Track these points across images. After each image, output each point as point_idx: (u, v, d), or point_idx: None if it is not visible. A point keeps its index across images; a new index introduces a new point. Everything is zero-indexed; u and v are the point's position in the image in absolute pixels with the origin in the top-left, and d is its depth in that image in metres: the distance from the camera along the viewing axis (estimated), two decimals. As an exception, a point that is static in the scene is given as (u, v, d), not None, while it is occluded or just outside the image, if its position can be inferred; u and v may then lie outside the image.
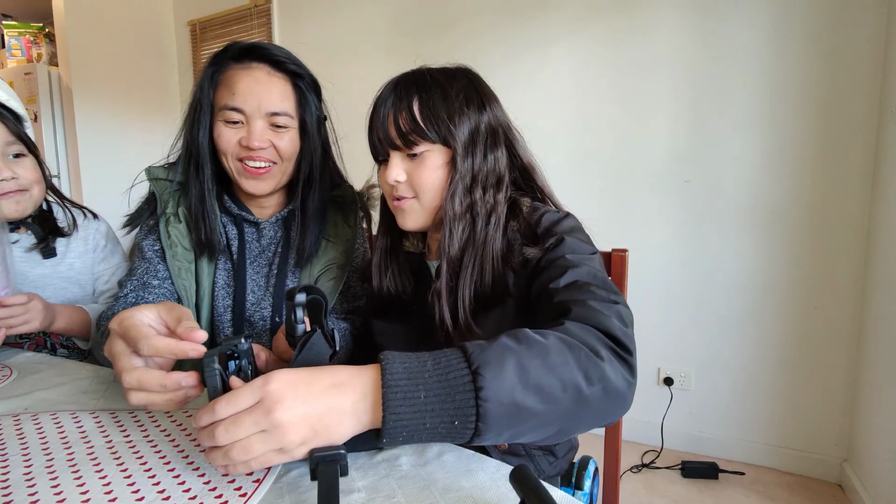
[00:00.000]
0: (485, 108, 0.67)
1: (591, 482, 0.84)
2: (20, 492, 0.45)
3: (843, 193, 1.60)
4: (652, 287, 1.87)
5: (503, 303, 0.65)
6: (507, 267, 0.66)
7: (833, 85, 1.58)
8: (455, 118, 0.64)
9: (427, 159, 0.65)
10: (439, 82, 0.66)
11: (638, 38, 1.82)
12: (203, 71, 0.80)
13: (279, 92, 0.79)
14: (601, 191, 1.93)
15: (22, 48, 2.75)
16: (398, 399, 0.40)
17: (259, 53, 0.79)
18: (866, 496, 1.46)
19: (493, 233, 0.66)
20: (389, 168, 0.66)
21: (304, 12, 2.58)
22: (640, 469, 1.78)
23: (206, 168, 0.81)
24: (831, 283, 1.64)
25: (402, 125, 0.64)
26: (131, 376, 0.48)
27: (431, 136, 0.64)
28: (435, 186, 0.66)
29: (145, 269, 0.84)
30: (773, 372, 1.74)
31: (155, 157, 0.95)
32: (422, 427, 0.40)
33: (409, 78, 0.67)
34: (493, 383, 0.40)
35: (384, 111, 0.66)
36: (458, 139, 0.64)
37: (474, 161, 0.65)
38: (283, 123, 0.80)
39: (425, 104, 0.64)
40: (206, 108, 0.79)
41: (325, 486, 0.38)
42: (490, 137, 0.67)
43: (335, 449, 0.41)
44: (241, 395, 0.41)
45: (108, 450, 0.53)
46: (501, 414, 0.41)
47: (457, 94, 0.65)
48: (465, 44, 2.13)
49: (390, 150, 0.67)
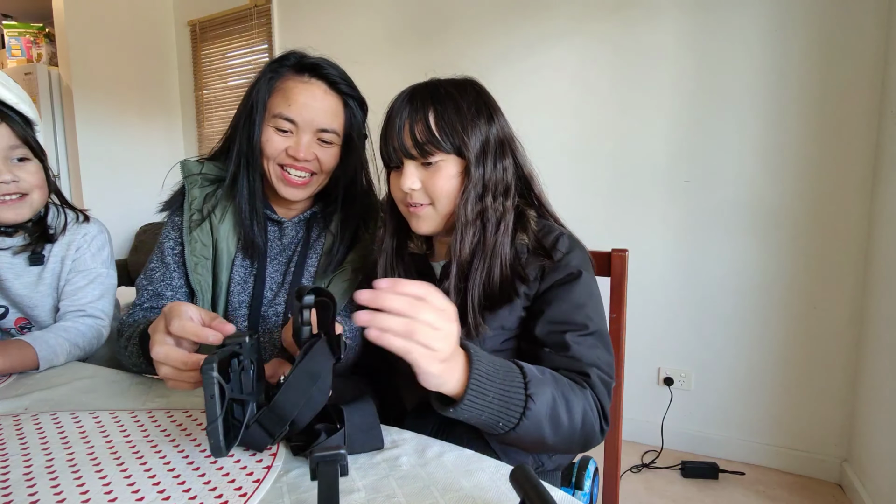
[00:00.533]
0: (493, 120, 0.71)
1: (591, 482, 0.84)
2: (20, 492, 0.45)
3: (843, 193, 1.60)
4: (652, 287, 1.87)
5: (510, 302, 0.69)
6: (515, 273, 0.70)
7: (833, 85, 1.58)
8: (468, 130, 0.68)
9: (442, 168, 0.69)
10: (452, 95, 0.69)
11: (638, 38, 1.82)
12: (261, 74, 0.83)
13: (332, 110, 0.84)
14: (601, 191, 1.93)
15: (22, 48, 2.75)
16: (475, 393, 0.52)
17: (319, 71, 0.84)
18: (866, 496, 1.46)
19: (501, 238, 0.70)
20: (404, 176, 0.70)
21: (304, 12, 2.58)
22: (640, 469, 1.78)
23: (256, 167, 0.84)
24: (831, 283, 1.64)
25: (418, 136, 0.68)
26: (160, 349, 0.55)
27: (446, 146, 0.68)
28: (450, 194, 0.70)
29: (162, 274, 0.86)
30: (773, 372, 1.74)
31: (155, 156, 0.96)
32: (478, 416, 0.53)
33: (423, 90, 0.71)
34: (533, 412, 0.54)
35: (399, 121, 0.69)
36: (472, 149, 0.68)
37: (485, 170, 0.69)
38: (330, 140, 0.84)
39: (440, 116, 0.68)
40: (260, 110, 0.82)
41: (325, 486, 0.39)
42: (499, 148, 0.71)
43: (335, 449, 0.41)
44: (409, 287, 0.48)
45: (108, 450, 0.53)
46: (528, 431, 0.55)
47: (468, 107, 0.69)
48: (465, 44, 2.13)
49: (405, 158, 0.70)
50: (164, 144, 3.02)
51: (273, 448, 0.54)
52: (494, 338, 0.71)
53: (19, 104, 0.87)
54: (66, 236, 0.96)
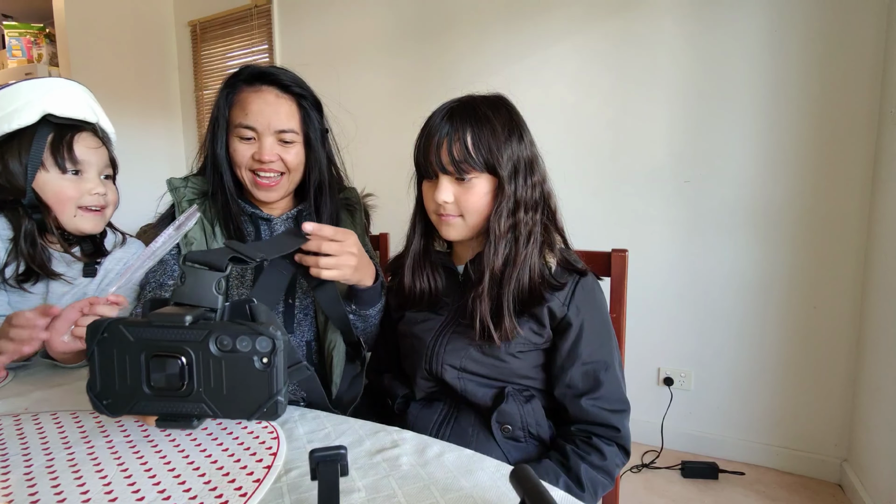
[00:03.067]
0: (523, 139, 0.77)
1: (591, 482, 0.85)
2: (21, 492, 0.45)
3: (842, 193, 1.60)
4: (652, 287, 1.87)
5: (540, 305, 0.75)
6: (544, 279, 0.76)
7: (833, 85, 1.58)
8: (502, 150, 0.73)
9: (475, 186, 0.74)
10: (488, 117, 0.74)
11: (638, 38, 1.82)
12: (219, 92, 0.90)
13: (286, 112, 0.89)
14: (601, 191, 1.93)
15: (22, 48, 2.76)
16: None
17: (269, 78, 0.89)
18: (866, 496, 1.46)
19: (531, 250, 0.76)
20: (439, 190, 0.75)
21: (304, 12, 2.58)
22: (640, 469, 1.78)
23: (226, 175, 0.91)
24: (831, 283, 1.64)
25: (455, 154, 0.73)
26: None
27: (480, 166, 0.73)
28: (481, 210, 0.75)
29: (162, 270, 0.90)
30: (773, 372, 1.74)
31: (155, 156, 0.98)
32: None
33: (461, 109, 0.75)
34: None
35: (438, 138, 0.74)
36: (504, 169, 0.74)
37: (517, 187, 0.75)
38: (290, 139, 0.89)
39: (477, 137, 0.73)
40: (222, 125, 0.89)
41: (325, 486, 0.39)
42: (528, 166, 0.77)
43: (335, 449, 0.41)
44: None
45: (109, 450, 0.53)
46: None
47: (503, 128, 0.74)
48: (465, 44, 2.13)
49: (441, 173, 0.75)
50: (164, 144, 3.02)
51: (273, 448, 0.54)
52: (524, 343, 0.77)
53: (108, 125, 0.97)
54: (116, 253, 0.99)
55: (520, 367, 0.76)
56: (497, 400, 0.76)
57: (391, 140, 2.28)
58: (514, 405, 0.75)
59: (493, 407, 0.75)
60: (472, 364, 0.76)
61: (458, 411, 0.80)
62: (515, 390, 0.76)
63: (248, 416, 0.46)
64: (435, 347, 0.79)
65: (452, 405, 0.81)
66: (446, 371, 0.77)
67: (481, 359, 0.76)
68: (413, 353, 0.83)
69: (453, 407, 0.81)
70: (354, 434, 0.59)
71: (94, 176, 0.91)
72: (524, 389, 0.77)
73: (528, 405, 0.76)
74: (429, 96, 2.17)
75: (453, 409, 0.81)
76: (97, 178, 0.92)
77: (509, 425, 0.75)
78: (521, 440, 0.76)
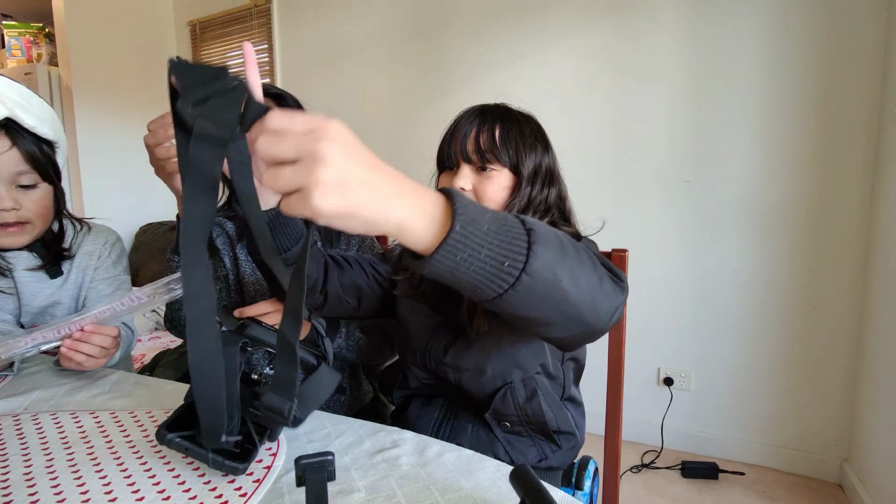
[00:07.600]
0: (547, 151, 0.81)
1: (591, 482, 0.84)
2: (20, 492, 0.45)
3: (842, 193, 1.60)
4: (652, 287, 1.87)
5: None
6: None
7: (833, 85, 1.58)
8: (527, 150, 0.76)
9: (495, 178, 0.75)
10: (518, 119, 0.78)
11: (638, 38, 1.82)
12: None
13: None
14: (601, 191, 1.93)
15: (22, 48, 2.75)
16: (466, 217, 0.39)
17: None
18: (866, 496, 1.46)
19: None
20: (459, 176, 0.76)
21: (304, 12, 2.57)
22: (640, 469, 1.78)
23: None
24: (831, 283, 1.64)
25: (482, 143, 0.75)
26: None
27: (504, 159, 0.75)
28: (497, 202, 0.76)
29: None
30: (773, 372, 1.74)
31: None
32: (476, 255, 0.39)
33: (493, 109, 0.79)
34: (541, 247, 0.42)
35: (467, 129, 0.76)
36: (526, 168, 0.76)
37: (533, 189, 0.77)
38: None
39: (506, 132, 0.76)
40: None
41: (312, 495, 0.38)
42: (548, 175, 0.80)
43: (322, 455, 0.40)
44: (299, 117, 0.36)
45: (108, 450, 0.53)
46: (542, 273, 0.42)
47: (530, 133, 0.78)
48: (465, 44, 2.12)
49: (463, 162, 0.76)
50: (164, 144, 3.02)
51: (273, 448, 0.54)
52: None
53: (38, 127, 0.82)
54: (85, 246, 0.95)
55: (520, 359, 0.74)
56: (494, 396, 0.74)
57: (391, 140, 2.28)
58: (510, 400, 0.73)
59: (490, 403, 0.74)
60: (467, 358, 0.75)
61: (457, 408, 0.80)
62: (518, 383, 0.74)
63: None
64: (429, 343, 0.78)
65: (451, 403, 0.81)
66: (440, 366, 0.77)
67: (474, 352, 0.74)
68: (407, 340, 0.82)
69: (452, 404, 0.80)
70: (354, 434, 0.59)
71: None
72: (525, 381, 0.75)
73: (529, 398, 0.74)
74: (428, 96, 2.16)
75: (452, 407, 0.80)
76: (6, 191, 0.79)
77: (507, 422, 0.75)
78: (524, 434, 0.76)
